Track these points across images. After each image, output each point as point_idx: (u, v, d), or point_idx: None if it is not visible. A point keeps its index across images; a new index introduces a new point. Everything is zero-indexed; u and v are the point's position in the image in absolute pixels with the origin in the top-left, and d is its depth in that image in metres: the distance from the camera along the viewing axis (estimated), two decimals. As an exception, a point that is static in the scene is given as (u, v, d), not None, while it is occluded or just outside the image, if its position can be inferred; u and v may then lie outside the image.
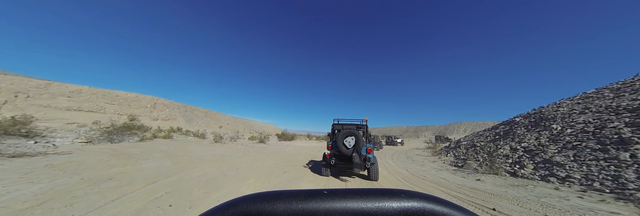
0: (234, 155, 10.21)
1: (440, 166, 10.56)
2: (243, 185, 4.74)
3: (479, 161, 9.84)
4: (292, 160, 9.66)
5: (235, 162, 7.93)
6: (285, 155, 12.16)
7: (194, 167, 6.27)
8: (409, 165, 10.53)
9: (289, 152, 14.15)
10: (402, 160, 13.13)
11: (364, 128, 6.03)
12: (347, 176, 6.50)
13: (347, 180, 5.69)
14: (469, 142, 16.03)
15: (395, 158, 14.38)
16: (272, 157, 10.64)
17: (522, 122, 13.75)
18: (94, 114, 26.04)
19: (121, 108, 29.49)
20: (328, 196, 0.23)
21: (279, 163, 8.60)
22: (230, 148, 13.72)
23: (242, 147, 15.62)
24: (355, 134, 5.32)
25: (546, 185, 5.44)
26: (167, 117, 35.94)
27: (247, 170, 6.53)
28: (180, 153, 9.01)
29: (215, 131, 34.94)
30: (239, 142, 20.62)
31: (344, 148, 5.33)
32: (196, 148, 11.79)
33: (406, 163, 11.78)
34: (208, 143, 15.60)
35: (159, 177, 4.84)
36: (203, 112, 57.89)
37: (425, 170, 9.17)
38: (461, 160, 11.25)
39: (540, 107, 15.04)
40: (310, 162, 9.64)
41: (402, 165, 10.79)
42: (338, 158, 5.57)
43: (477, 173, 7.98)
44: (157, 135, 14.97)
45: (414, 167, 9.84)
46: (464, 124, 76.61)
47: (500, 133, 14.15)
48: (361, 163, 5.13)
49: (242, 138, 29.15)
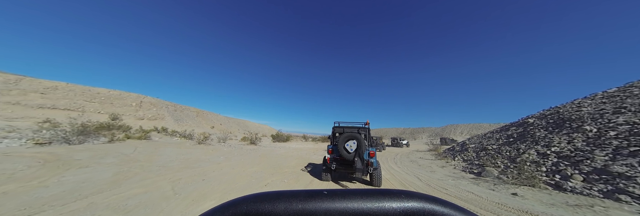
0: (213, 159, 8.59)
1: (453, 172, 9.12)
2: (192, 212, 3.15)
3: (499, 167, 8.42)
4: (281, 166, 8.10)
5: (207, 170, 6.33)
6: (275, 158, 10.57)
7: (141, 180, 4.66)
8: (418, 171, 9.06)
9: (280, 155, 12.57)
10: (406, 165, 11.67)
11: (365, 132, 5.73)
12: (348, 181, 6.03)
13: (347, 187, 5.24)
14: (478, 145, 14.70)
15: (399, 162, 12.92)
16: (259, 161, 9.06)
17: (537, 123, 12.46)
18: (72, 113, 23.99)
19: (102, 107, 27.46)
20: (328, 197, 0.24)
21: (265, 170, 7.03)
22: (213, 150, 12.07)
23: (229, 149, 13.97)
24: (356, 138, 5.06)
25: (621, 207, 4.01)
26: (154, 116, 33.92)
27: (215, 182, 4.95)
28: (143, 159, 7.35)
29: (206, 131, 33.07)
30: (227, 143, 18.93)
31: (345, 152, 5.06)
32: (169, 151, 10.11)
33: (413, 168, 10.32)
34: (191, 145, 13.89)
35: (66, 198, 3.25)
36: (194, 112, 55.75)
37: (439, 178, 7.70)
38: (476, 166, 9.83)
39: (556, 107, 13.78)
40: (307, 167, 8.09)
41: (410, 170, 9.31)
42: (339, 163, 5.33)
43: (504, 183, 6.55)
44: (131, 135, 13.20)
45: (424, 174, 8.37)
46: (461, 126, 75.92)
47: (513, 135, 12.83)
48: (363, 168, 4.93)
49: (234, 139, 27.39)
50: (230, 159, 9.03)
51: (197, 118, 54.42)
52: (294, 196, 0.24)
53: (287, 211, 0.21)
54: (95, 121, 13.84)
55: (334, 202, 0.22)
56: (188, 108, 54.78)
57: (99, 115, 26.06)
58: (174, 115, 40.54)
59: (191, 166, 6.77)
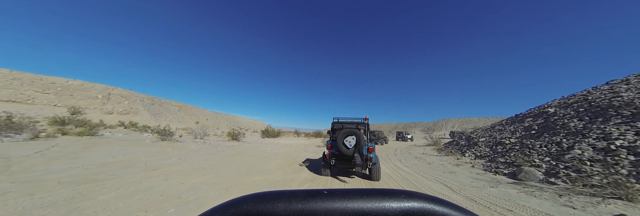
0: (156, 162, 6.16)
1: (477, 174, 7.18)
2: None
3: (539, 166, 6.52)
4: (253, 171, 5.82)
5: (114, 185, 3.93)
6: (253, 158, 8.26)
7: None
8: (434, 173, 7.04)
9: (262, 153, 10.24)
10: (413, 163, 9.69)
11: (365, 127, 5.81)
12: (347, 176, 5.90)
13: (346, 182, 5.20)
14: (489, 138, 12.97)
15: (403, 160, 10.95)
16: (226, 163, 6.73)
17: (562, 112, 10.74)
18: (19, 105, 20.38)
19: (59, 99, 23.81)
20: (328, 197, 0.24)
21: (221, 180, 4.73)
22: (174, 149, 9.56)
23: (200, 146, 11.49)
24: (356, 133, 5.06)
25: None
26: (126, 110, 30.39)
27: None
28: (24, 167, 4.80)
29: (189, 127, 30.02)
30: (204, 140, 16.35)
31: (344, 148, 5.04)
32: (104, 150, 7.53)
33: (424, 167, 8.32)
34: (150, 142, 11.26)
35: None
36: (176, 106, 51.87)
37: (470, 182, 5.70)
38: (501, 164, 7.94)
39: (581, 94, 12.10)
40: (292, 172, 5.83)
41: (423, 171, 7.28)
42: (338, 158, 5.26)
43: (570, 192, 4.59)
44: (68, 131, 10.39)
45: (445, 177, 6.36)
46: (452, 120, 76.07)
47: (532, 127, 11.09)
48: (363, 164, 5.02)
49: (218, 135, 24.61)
50: (184, 161, 6.62)
51: (179, 112, 50.64)
52: (294, 196, 0.24)
53: (287, 211, 0.21)
54: (48, 116, 10.89)
55: (334, 202, 0.22)
56: (169, 102, 50.84)
57: (55, 109, 22.50)
58: (151, 109, 36.93)
59: (97, 178, 4.34)
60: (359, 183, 5.29)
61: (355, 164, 4.96)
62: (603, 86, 11.90)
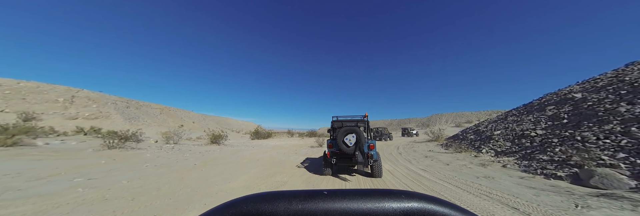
0: (41, 188, 3.85)
1: (521, 178, 5.31)
2: None
3: (617, 167, 4.68)
4: (197, 197, 3.62)
5: None
6: (220, 169, 6.06)
7: None
8: (466, 180, 5.10)
9: (240, 160, 8.05)
10: (425, 163, 7.76)
11: (364, 124, 5.71)
12: (347, 174, 5.76)
13: (348, 180, 5.12)
14: (505, 131, 11.27)
15: (412, 159, 9.04)
16: (165, 182, 4.50)
17: (595, 97, 9.10)
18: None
19: (7, 103, 20.48)
20: (328, 197, 0.24)
21: None
22: (118, 159, 7.20)
23: (161, 153, 9.15)
24: (356, 131, 5.02)
25: None
26: (94, 114, 27.13)
27: None
28: None
29: (171, 131, 27.09)
30: (179, 145, 13.91)
31: (344, 146, 4.99)
32: (6, 166, 5.10)
33: (442, 169, 6.40)
34: (92, 151, 8.77)
35: None
36: (157, 109, 48.25)
37: (537, 198, 3.77)
38: (546, 163, 6.10)
39: (614, 74, 10.52)
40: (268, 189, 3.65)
41: (446, 175, 5.32)
42: (339, 157, 5.24)
43: None
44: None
45: (488, 188, 4.42)
46: (445, 115, 75.73)
47: (559, 116, 9.42)
48: (364, 161, 5.02)
49: (202, 138, 21.91)
50: (95, 183, 4.32)
51: (161, 116, 47.05)
52: (294, 197, 0.23)
53: (287, 211, 0.21)
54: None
55: (334, 202, 0.22)
56: (148, 104, 47.21)
57: (2, 115, 19.23)
58: (126, 113, 33.57)
59: None
60: (358, 181, 5.16)
61: (357, 162, 5.01)
62: (630, 66, 10.41)
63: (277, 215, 0.21)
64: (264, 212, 0.21)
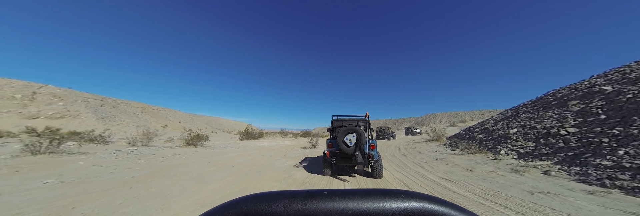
0: None
1: (590, 193, 3.79)
2: None
3: None
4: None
5: None
6: (164, 185, 4.18)
7: None
8: (513, 196, 3.46)
9: (210, 166, 6.21)
10: (438, 167, 6.18)
11: (365, 124, 5.64)
12: (347, 175, 5.61)
13: (347, 180, 4.99)
14: (522, 129, 9.87)
15: (421, 162, 7.46)
16: (88, 200, 2.59)
17: (633, 89, 7.77)
18: None
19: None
20: (328, 197, 0.23)
21: None
22: (34, 170, 5.17)
23: (110, 157, 7.12)
24: (356, 131, 4.88)
25: None
26: (60, 113, 24.26)
27: None
28: None
29: (152, 132, 24.53)
30: (145, 148, 11.80)
31: (344, 146, 4.87)
32: None
33: (468, 178, 4.81)
34: (10, 157, 6.65)
35: None
36: (138, 108, 45.02)
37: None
38: (610, 170, 4.58)
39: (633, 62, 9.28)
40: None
41: (484, 190, 3.68)
42: (339, 157, 5.10)
43: None
44: None
45: (560, 209, 2.77)
46: (439, 115, 75.69)
47: (593, 111, 8.05)
48: (365, 161, 4.85)
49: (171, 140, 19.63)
50: None
51: (142, 115, 43.91)
52: (293, 197, 0.23)
53: (287, 211, 0.21)
54: None
55: (334, 202, 0.22)
56: (127, 103, 43.95)
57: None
58: (99, 112, 30.62)
59: None
60: (358, 181, 4.92)
61: (357, 162, 4.84)
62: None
63: (277, 215, 0.20)
64: (264, 212, 0.21)
